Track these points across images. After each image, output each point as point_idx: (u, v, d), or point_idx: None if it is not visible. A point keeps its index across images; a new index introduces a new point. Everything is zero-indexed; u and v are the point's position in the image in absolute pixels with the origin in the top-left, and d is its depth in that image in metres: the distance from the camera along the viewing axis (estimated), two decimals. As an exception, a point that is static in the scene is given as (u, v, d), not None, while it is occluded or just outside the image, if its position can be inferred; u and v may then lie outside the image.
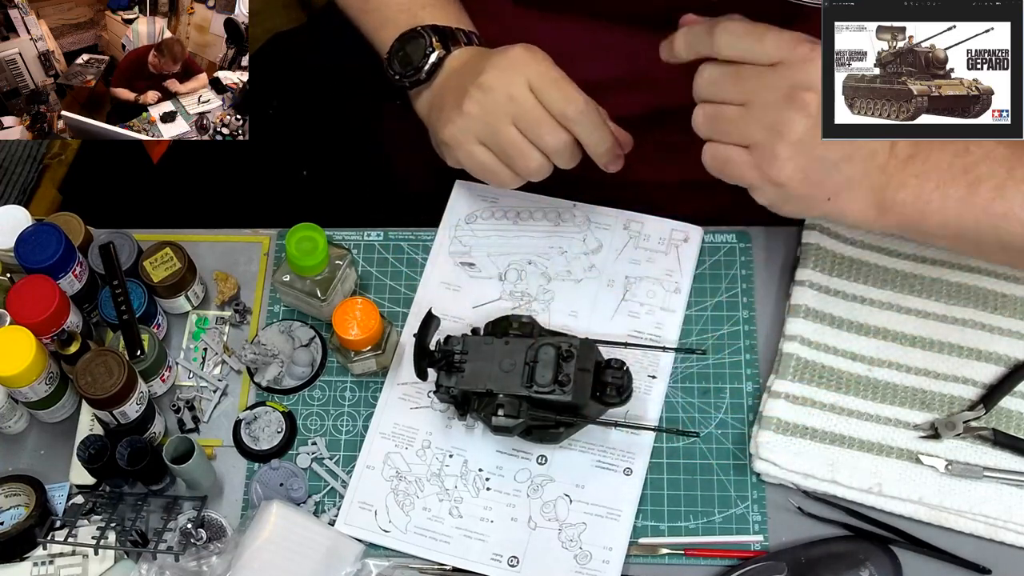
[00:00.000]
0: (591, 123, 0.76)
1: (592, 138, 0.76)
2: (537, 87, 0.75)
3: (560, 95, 0.75)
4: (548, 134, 0.75)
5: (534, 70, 0.75)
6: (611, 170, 0.79)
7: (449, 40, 0.80)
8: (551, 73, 0.75)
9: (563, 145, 0.76)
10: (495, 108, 0.75)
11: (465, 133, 0.77)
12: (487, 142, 0.77)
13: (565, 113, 0.75)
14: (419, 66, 0.80)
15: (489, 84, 0.75)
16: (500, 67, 0.75)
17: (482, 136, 0.76)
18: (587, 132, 0.76)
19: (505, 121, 0.75)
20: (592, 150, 0.77)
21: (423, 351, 0.76)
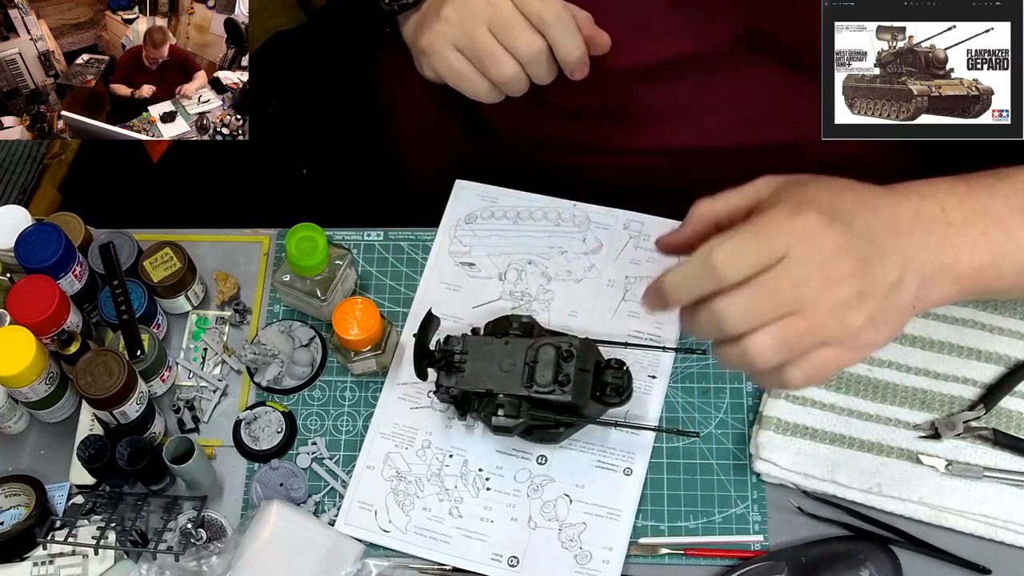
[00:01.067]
0: (566, 28, 0.75)
1: (566, 44, 0.75)
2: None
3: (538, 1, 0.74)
4: (521, 38, 0.74)
5: None
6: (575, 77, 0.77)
7: None
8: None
9: (536, 51, 0.75)
10: (472, 12, 0.75)
11: (441, 38, 0.76)
12: (463, 48, 0.76)
13: (541, 16, 0.74)
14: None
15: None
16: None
17: (458, 41, 0.76)
18: (561, 37, 0.75)
19: (481, 25, 0.75)
20: (562, 56, 0.76)
21: (423, 351, 0.76)
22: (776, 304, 0.58)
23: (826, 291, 0.58)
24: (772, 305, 0.59)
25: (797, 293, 0.58)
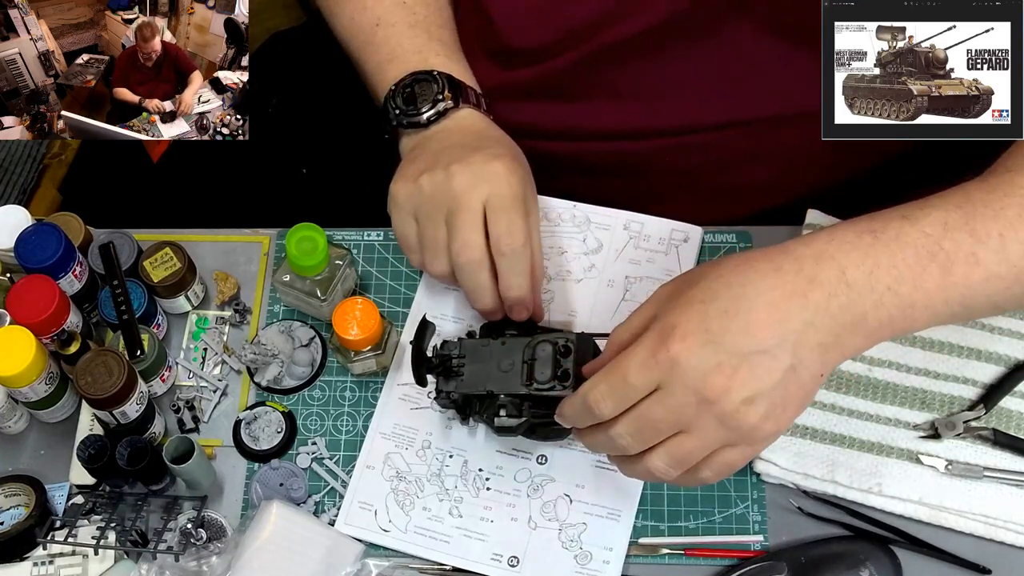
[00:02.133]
0: (517, 266, 0.75)
1: (509, 278, 0.76)
2: (490, 207, 0.75)
3: (506, 223, 0.75)
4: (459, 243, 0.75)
5: (498, 191, 0.75)
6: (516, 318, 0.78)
7: (460, 94, 0.81)
8: (511, 197, 0.75)
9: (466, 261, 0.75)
10: (441, 199, 0.75)
11: (407, 200, 0.77)
12: (418, 222, 0.78)
13: (499, 239, 0.75)
14: (421, 109, 0.80)
15: (452, 174, 0.75)
16: (474, 169, 0.75)
17: (417, 213, 0.77)
18: (508, 269, 0.76)
19: (440, 216, 0.76)
20: (504, 292, 0.77)
21: (421, 358, 0.76)
22: (659, 430, 0.62)
23: (708, 409, 0.61)
24: (656, 431, 0.63)
25: (678, 417, 0.61)
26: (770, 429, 0.62)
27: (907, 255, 0.61)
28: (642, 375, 0.62)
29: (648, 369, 0.61)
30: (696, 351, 0.60)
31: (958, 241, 0.61)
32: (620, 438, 0.64)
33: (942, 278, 0.61)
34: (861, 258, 0.61)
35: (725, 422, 0.61)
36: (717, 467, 0.64)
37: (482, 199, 0.75)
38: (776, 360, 0.60)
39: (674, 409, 0.61)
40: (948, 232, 0.61)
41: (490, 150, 0.77)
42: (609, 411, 0.63)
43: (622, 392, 0.63)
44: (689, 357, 0.60)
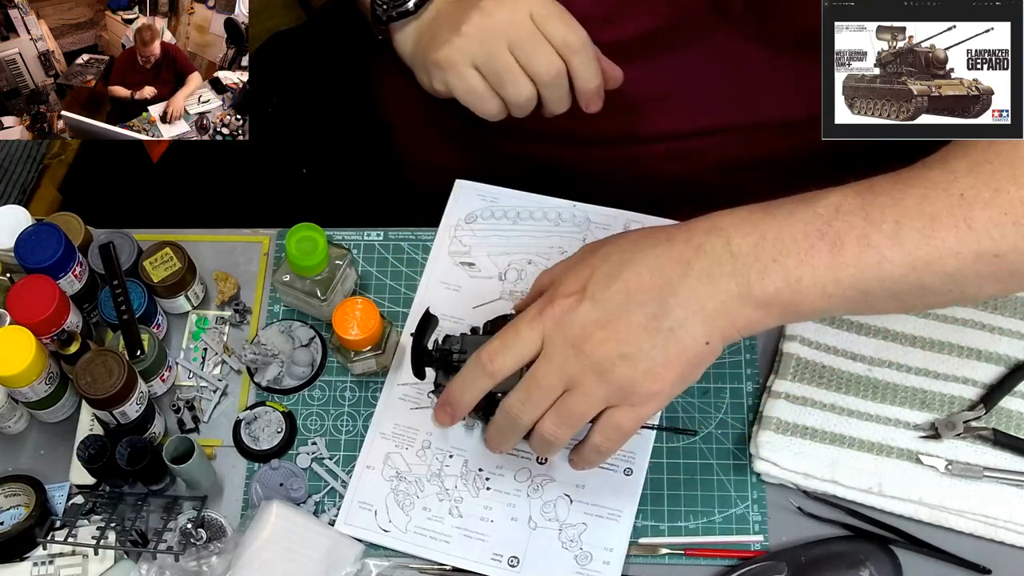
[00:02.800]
0: (588, 56, 0.76)
1: (587, 72, 0.76)
2: (539, 16, 0.75)
3: (562, 25, 0.75)
4: (544, 59, 0.75)
5: (536, 3, 0.75)
6: (591, 110, 0.79)
7: None
8: (553, 7, 0.75)
9: (556, 74, 0.75)
10: (494, 30, 0.75)
11: (460, 53, 0.76)
12: (481, 66, 0.76)
13: (566, 40, 0.75)
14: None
15: (490, 9, 0.75)
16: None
17: (477, 58, 0.76)
18: (583, 65, 0.76)
19: (502, 44, 0.75)
20: (581, 85, 0.77)
21: (421, 351, 0.76)
22: (547, 388, 0.65)
23: (586, 362, 0.63)
24: (543, 390, 0.65)
25: (562, 372, 0.64)
26: (652, 388, 0.63)
27: (795, 230, 0.62)
28: (530, 330, 0.65)
29: (535, 326, 0.65)
30: (576, 307, 0.64)
31: (850, 223, 0.62)
32: (515, 407, 0.66)
33: (830, 256, 0.61)
34: (749, 230, 0.63)
35: (604, 376, 0.63)
36: (606, 429, 0.66)
37: (527, 12, 0.75)
38: (655, 321, 0.63)
39: (557, 364, 0.64)
40: (840, 214, 0.62)
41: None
42: (499, 364, 0.66)
43: (512, 345, 0.66)
44: (569, 312, 0.64)
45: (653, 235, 0.66)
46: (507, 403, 0.67)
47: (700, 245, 0.63)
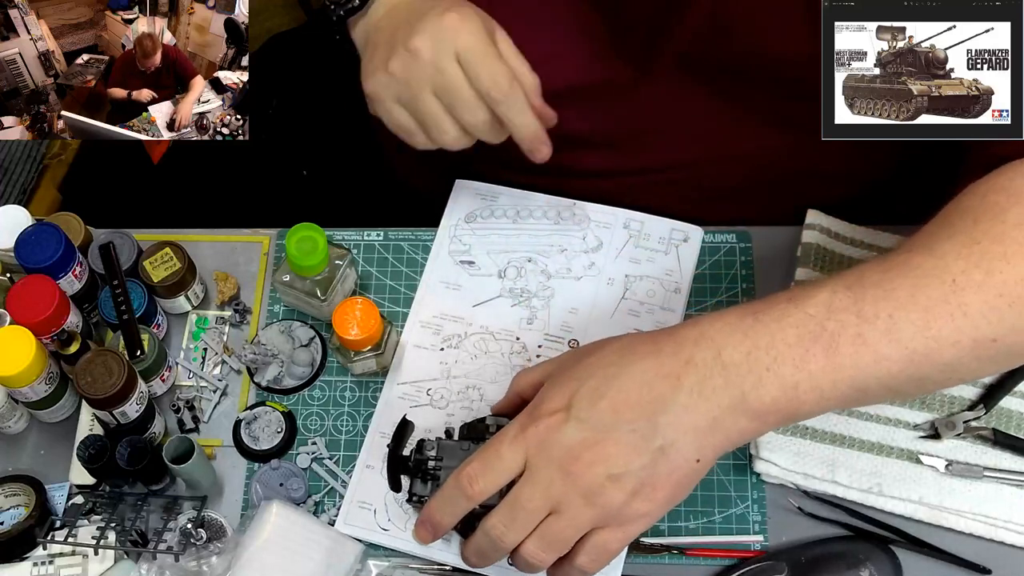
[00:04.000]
0: (514, 107, 0.74)
1: (513, 122, 0.75)
2: (465, 60, 0.73)
3: (486, 73, 0.73)
4: (467, 112, 0.73)
5: (465, 41, 0.73)
6: (535, 159, 0.77)
7: None
8: (481, 47, 0.73)
9: (481, 124, 0.74)
10: (418, 74, 0.73)
11: (386, 90, 0.75)
12: (406, 106, 0.75)
13: (490, 91, 0.73)
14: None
15: (416, 48, 0.73)
16: (431, 32, 0.73)
17: (402, 99, 0.75)
18: (509, 115, 0.74)
19: (426, 89, 0.74)
20: (514, 134, 0.76)
21: (397, 460, 0.73)
22: (532, 511, 0.62)
23: (573, 486, 0.61)
24: (528, 513, 0.62)
25: (547, 495, 0.62)
26: (640, 509, 0.61)
27: (787, 335, 0.60)
28: (511, 451, 0.63)
29: (517, 445, 0.63)
30: (561, 426, 0.62)
31: (843, 322, 0.59)
32: (496, 528, 0.64)
33: (826, 359, 0.59)
34: (740, 339, 0.60)
35: (591, 499, 0.61)
36: (592, 551, 0.63)
37: (454, 56, 0.73)
38: (644, 439, 0.60)
39: (542, 487, 0.62)
40: (832, 313, 0.60)
41: (438, 7, 0.75)
42: (480, 487, 0.64)
43: (493, 466, 0.63)
44: (554, 432, 0.62)
45: (639, 346, 0.63)
46: (488, 524, 0.64)
47: (690, 358, 0.61)
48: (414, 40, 0.73)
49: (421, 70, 0.73)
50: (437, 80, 0.73)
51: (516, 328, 0.85)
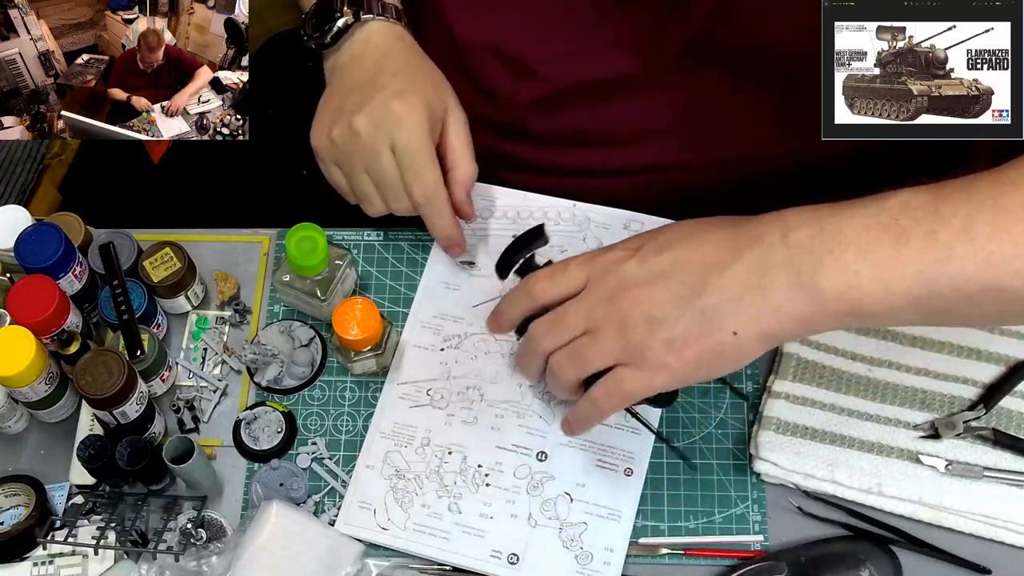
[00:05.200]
0: (433, 209, 0.79)
1: (431, 223, 0.80)
2: (398, 154, 0.77)
3: (413, 173, 0.77)
4: (392, 199, 0.79)
5: (403, 136, 0.76)
6: (449, 254, 0.85)
7: (360, 8, 0.81)
8: (415, 144, 0.76)
9: (405, 210, 0.80)
10: (355, 152, 0.78)
11: (326, 152, 0.80)
12: (344, 171, 0.80)
13: (411, 192, 0.78)
14: (326, 29, 0.81)
15: (357, 128, 0.77)
16: (374, 116, 0.76)
17: (339, 164, 0.80)
18: (428, 217, 0.80)
19: (359, 167, 0.79)
20: (431, 232, 0.81)
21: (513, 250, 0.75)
22: (571, 324, 0.67)
23: (613, 313, 0.64)
24: (567, 323, 0.67)
25: (588, 315, 0.66)
26: (666, 360, 0.63)
27: (857, 224, 0.59)
28: (577, 268, 0.68)
29: (583, 265, 0.67)
30: (624, 262, 0.65)
31: (917, 219, 0.58)
32: (536, 329, 0.69)
33: (894, 250, 0.58)
34: (809, 222, 0.61)
35: (623, 332, 0.64)
36: (609, 383, 0.66)
37: (388, 147, 0.77)
38: (690, 293, 0.62)
39: (586, 306, 0.66)
40: (908, 210, 0.59)
41: (391, 87, 0.77)
42: (540, 290, 0.69)
43: (557, 279, 0.68)
44: (617, 263, 0.66)
45: (720, 220, 0.66)
46: (533, 325, 0.69)
47: (758, 235, 0.62)
48: (357, 119, 0.77)
49: (358, 150, 0.78)
50: (371, 163, 0.78)
51: (516, 328, 0.85)
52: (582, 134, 0.88)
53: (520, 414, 0.81)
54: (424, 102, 0.77)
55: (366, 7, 0.81)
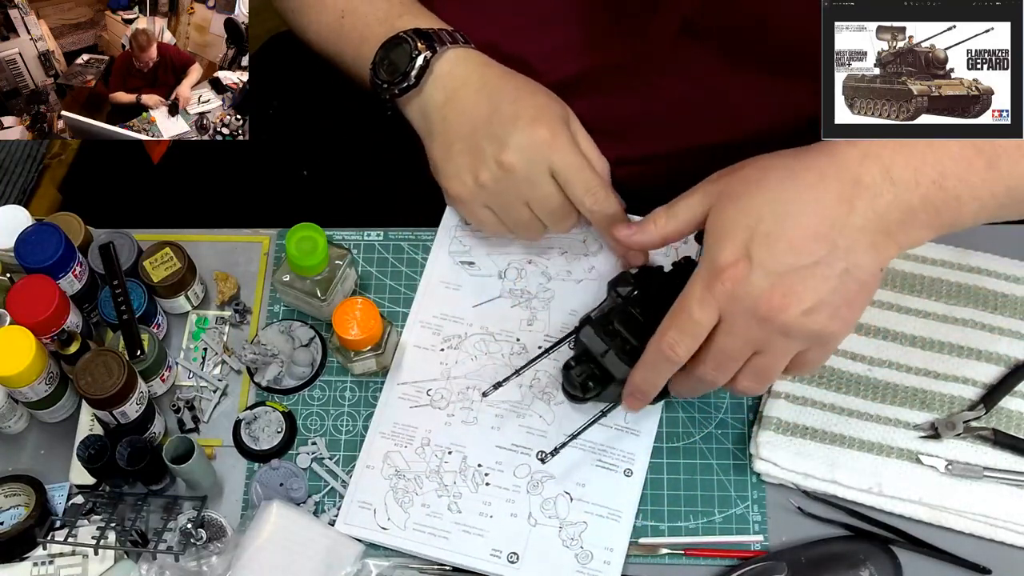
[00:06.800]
0: (605, 213, 0.78)
1: (602, 224, 0.79)
2: (560, 175, 0.76)
3: (582, 186, 0.77)
4: (558, 221, 0.79)
5: (560, 158, 0.76)
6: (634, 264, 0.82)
7: (434, 41, 0.80)
8: (575, 161, 0.76)
9: (568, 228, 0.80)
10: (512, 189, 0.77)
11: (474, 197, 0.79)
12: (495, 211, 0.79)
13: (583, 203, 0.77)
14: (407, 71, 0.79)
15: (511, 165, 0.76)
16: (524, 149, 0.76)
17: (492, 206, 0.79)
18: (598, 220, 0.79)
19: (519, 201, 0.78)
20: (600, 232, 0.81)
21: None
22: (738, 357, 0.66)
23: (771, 328, 0.64)
24: (733, 359, 0.66)
25: (747, 341, 0.65)
26: (838, 328, 0.64)
27: (951, 150, 0.63)
28: (703, 311, 0.65)
29: (707, 304, 0.65)
30: (747, 279, 0.63)
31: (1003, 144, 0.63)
32: (707, 375, 0.67)
33: (987, 171, 0.63)
34: (907, 155, 0.63)
35: (791, 334, 0.64)
36: (799, 367, 0.67)
37: (548, 171, 0.76)
38: (828, 268, 0.63)
39: (741, 335, 0.65)
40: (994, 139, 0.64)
41: (524, 115, 0.76)
42: (684, 352, 0.66)
43: (691, 331, 0.66)
44: (741, 284, 0.63)
45: (801, 173, 0.64)
46: (698, 372, 0.68)
47: (857, 179, 0.63)
48: (507, 155, 0.76)
49: (515, 186, 0.77)
50: (530, 193, 0.77)
51: (516, 329, 0.85)
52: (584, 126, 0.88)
53: (520, 414, 0.81)
54: (559, 119, 0.78)
55: (438, 39, 0.80)
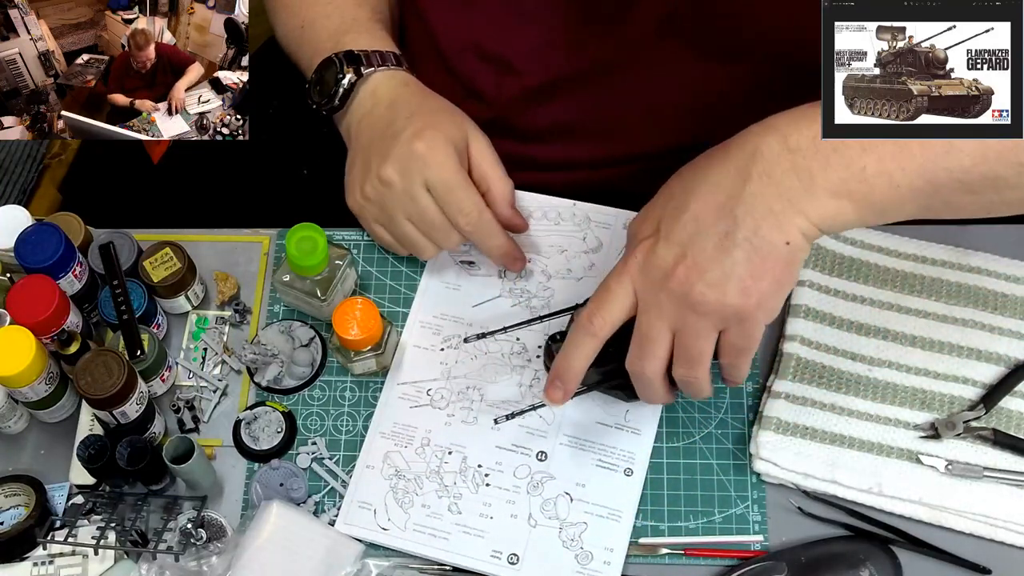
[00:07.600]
0: (483, 233, 0.79)
1: (484, 246, 0.81)
2: (434, 191, 0.77)
3: (454, 204, 0.77)
4: (440, 237, 0.79)
5: (434, 173, 0.77)
6: (513, 270, 0.84)
7: (361, 64, 0.81)
8: (448, 176, 0.77)
9: (455, 244, 0.80)
10: (391, 202, 0.78)
11: (364, 211, 0.81)
12: (384, 227, 0.81)
13: (457, 223, 0.78)
14: (332, 93, 0.81)
15: (388, 178, 0.77)
16: (400, 162, 0.77)
17: (379, 221, 0.81)
18: (480, 242, 0.80)
19: (400, 216, 0.79)
20: (486, 255, 0.82)
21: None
22: (656, 337, 0.66)
23: (680, 302, 0.64)
24: (654, 340, 0.66)
25: (662, 318, 0.65)
26: (748, 303, 0.63)
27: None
28: (618, 283, 0.66)
29: (622, 277, 0.66)
30: (654, 251, 0.64)
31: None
32: (634, 365, 0.68)
33: (895, 145, 0.61)
34: (807, 125, 0.62)
35: (700, 309, 0.63)
36: (729, 353, 0.66)
37: (423, 185, 0.77)
38: (727, 237, 0.62)
39: (655, 312, 0.65)
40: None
41: (408, 129, 0.78)
42: (599, 323, 0.67)
43: (606, 300, 0.66)
44: (649, 256, 0.65)
45: (712, 155, 0.65)
46: (629, 366, 0.68)
47: (755, 150, 0.62)
48: (385, 169, 0.77)
49: (394, 199, 0.78)
50: (410, 208, 0.78)
51: (516, 329, 0.84)
52: (567, 126, 0.88)
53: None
54: (444, 134, 0.78)
55: (366, 62, 0.81)
